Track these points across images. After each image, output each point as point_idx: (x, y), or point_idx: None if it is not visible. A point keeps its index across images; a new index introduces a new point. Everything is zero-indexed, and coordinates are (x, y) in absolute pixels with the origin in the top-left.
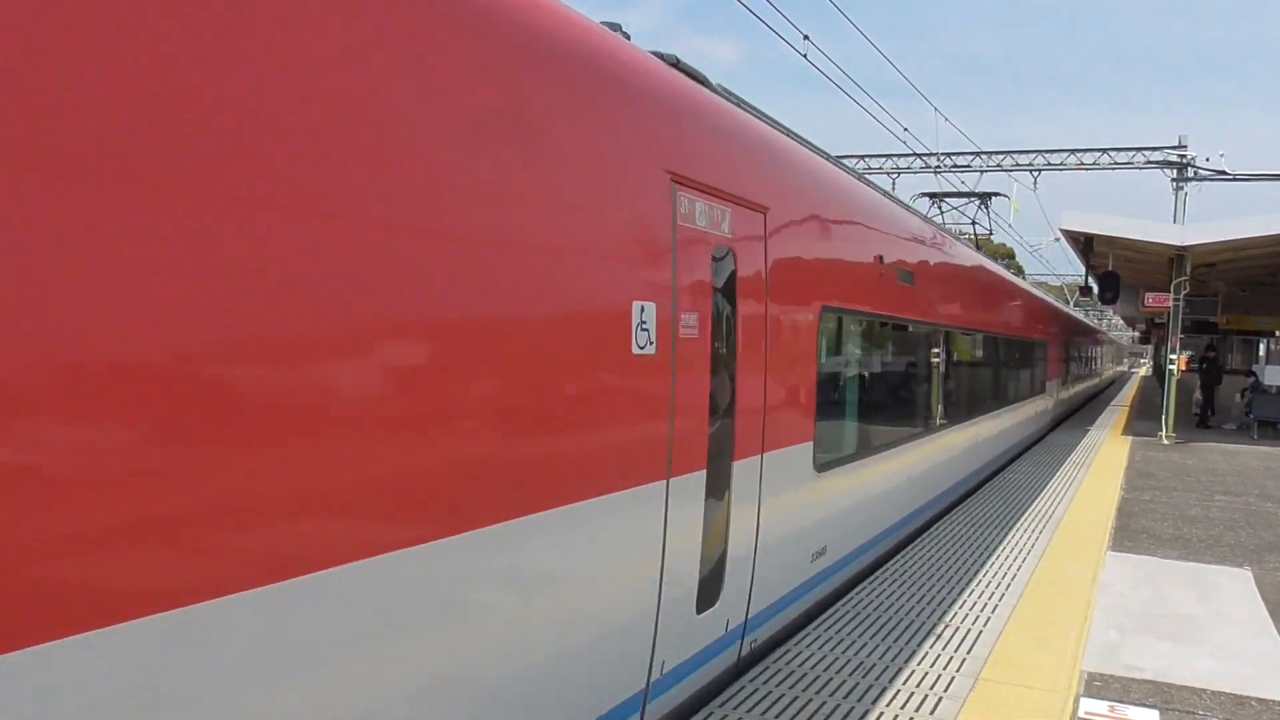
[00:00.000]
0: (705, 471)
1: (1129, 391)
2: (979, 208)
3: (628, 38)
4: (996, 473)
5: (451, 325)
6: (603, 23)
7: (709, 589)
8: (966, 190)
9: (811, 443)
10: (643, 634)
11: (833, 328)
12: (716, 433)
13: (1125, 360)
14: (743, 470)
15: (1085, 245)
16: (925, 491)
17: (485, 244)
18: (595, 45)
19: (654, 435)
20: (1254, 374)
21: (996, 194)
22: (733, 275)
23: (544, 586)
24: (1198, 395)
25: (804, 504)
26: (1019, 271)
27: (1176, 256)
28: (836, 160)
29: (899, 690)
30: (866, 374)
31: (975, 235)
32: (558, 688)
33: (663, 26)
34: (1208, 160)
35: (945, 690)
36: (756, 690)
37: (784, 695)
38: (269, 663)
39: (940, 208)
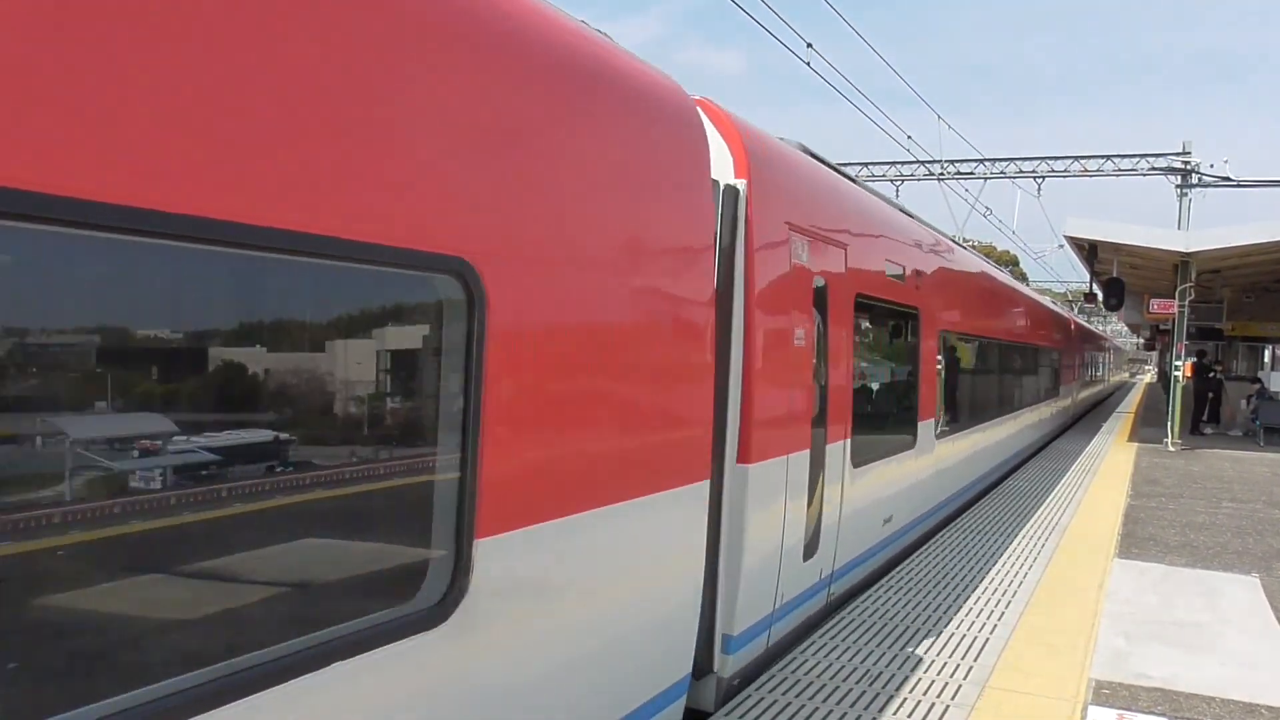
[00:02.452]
0: None
1: (1134, 397)
2: None
3: None
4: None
5: None
6: None
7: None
8: None
9: None
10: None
11: None
12: None
13: (1126, 368)
14: None
15: (1090, 252)
16: None
17: None
18: None
19: None
20: (1260, 380)
21: None
22: None
23: None
24: None
25: None
26: (1023, 279)
27: (1181, 263)
28: None
29: (906, 699)
30: None
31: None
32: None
33: (666, 36)
34: (1212, 167)
35: (953, 698)
36: (763, 699)
37: (790, 704)
38: None
39: None
